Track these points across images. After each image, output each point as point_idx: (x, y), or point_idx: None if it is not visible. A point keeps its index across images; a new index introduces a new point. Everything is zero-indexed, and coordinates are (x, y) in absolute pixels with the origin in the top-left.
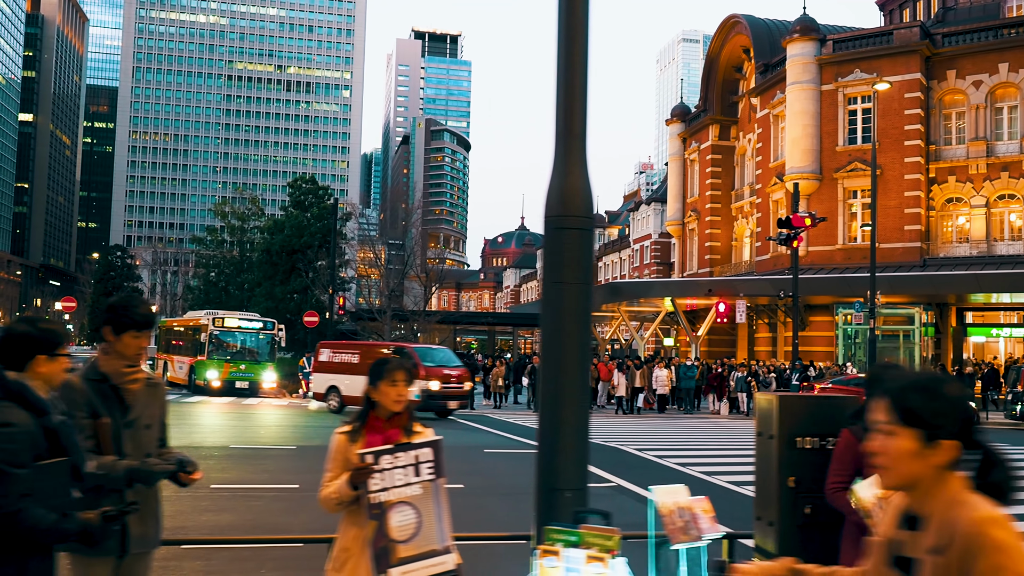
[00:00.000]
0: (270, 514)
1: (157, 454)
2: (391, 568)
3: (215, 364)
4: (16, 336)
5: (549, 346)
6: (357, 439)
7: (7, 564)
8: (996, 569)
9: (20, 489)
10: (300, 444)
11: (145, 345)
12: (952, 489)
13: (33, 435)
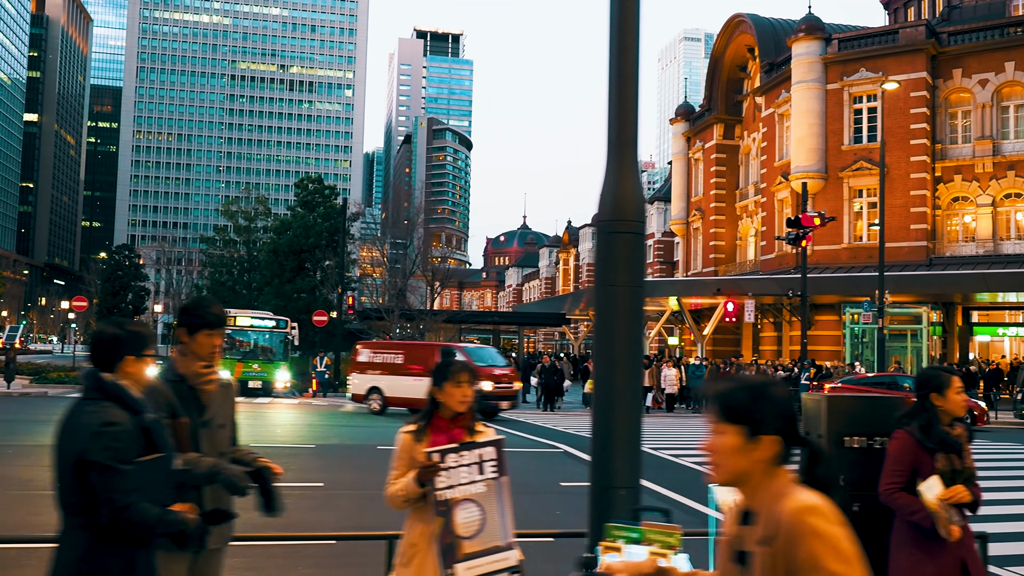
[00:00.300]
0: (298, 512)
1: (230, 452)
2: (457, 563)
3: (226, 363)
4: (106, 338)
5: (602, 347)
6: (422, 438)
7: (116, 556)
8: (816, 555)
9: (130, 485)
10: (319, 443)
11: (219, 344)
12: (779, 483)
13: (134, 433)
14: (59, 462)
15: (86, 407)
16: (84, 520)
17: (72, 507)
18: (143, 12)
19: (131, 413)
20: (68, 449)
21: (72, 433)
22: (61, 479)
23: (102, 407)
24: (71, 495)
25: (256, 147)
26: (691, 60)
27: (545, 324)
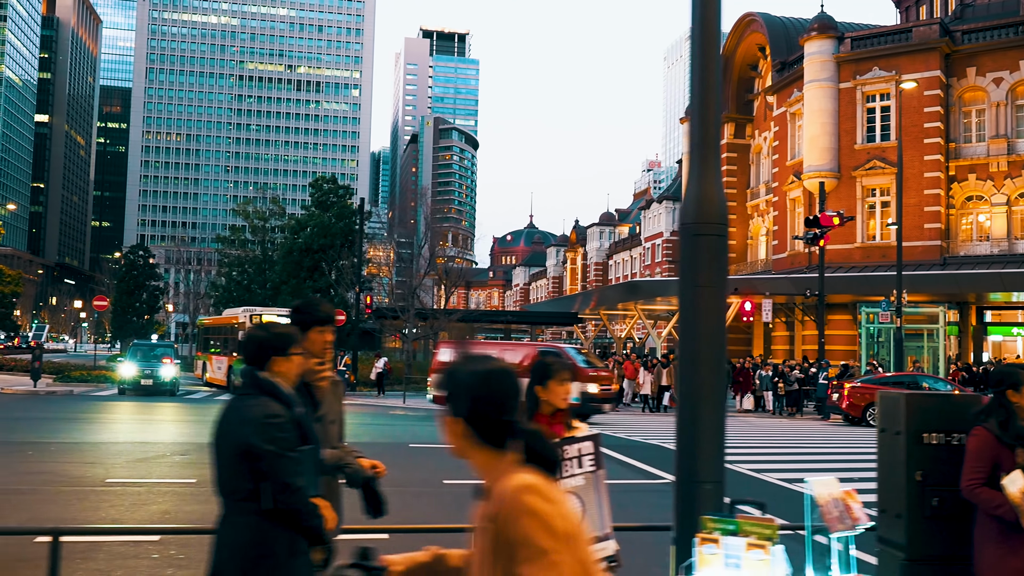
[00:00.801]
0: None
1: (340, 449)
2: None
3: (238, 365)
4: (256, 339)
5: (686, 346)
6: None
7: (281, 538)
8: (528, 532)
9: (297, 471)
10: (356, 439)
11: (330, 340)
12: (504, 463)
13: (290, 424)
14: (223, 452)
15: (246, 402)
16: (251, 505)
17: (238, 494)
18: (152, 13)
19: (284, 407)
20: (234, 440)
21: (238, 426)
22: (225, 468)
23: (262, 401)
24: (238, 482)
25: (264, 147)
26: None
27: (558, 323)
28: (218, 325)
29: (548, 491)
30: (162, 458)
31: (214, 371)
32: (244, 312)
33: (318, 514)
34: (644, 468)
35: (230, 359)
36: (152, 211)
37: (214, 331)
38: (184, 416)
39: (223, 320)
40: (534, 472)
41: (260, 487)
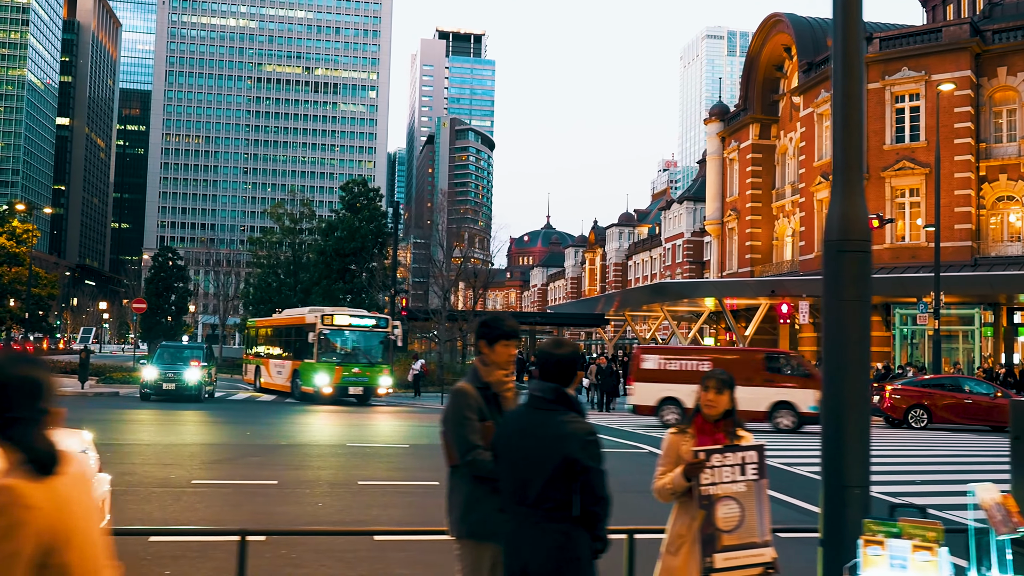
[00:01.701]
0: (430, 509)
1: None
2: (716, 553)
3: (325, 367)
4: (561, 359)
5: (832, 356)
6: (686, 438)
7: (584, 544)
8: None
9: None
10: (412, 443)
11: (514, 353)
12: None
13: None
14: (539, 464)
15: (558, 418)
16: (561, 513)
17: (549, 502)
18: (171, 17)
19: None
20: (554, 454)
21: (558, 441)
22: (539, 479)
23: (575, 417)
24: (552, 492)
25: (282, 148)
26: (714, 58)
27: (584, 325)
28: (280, 326)
29: (20, 492)
30: (237, 460)
31: (271, 375)
32: (312, 312)
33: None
34: None
35: (295, 363)
36: (172, 213)
37: (274, 332)
38: (234, 419)
39: (286, 320)
40: (25, 472)
41: (572, 497)
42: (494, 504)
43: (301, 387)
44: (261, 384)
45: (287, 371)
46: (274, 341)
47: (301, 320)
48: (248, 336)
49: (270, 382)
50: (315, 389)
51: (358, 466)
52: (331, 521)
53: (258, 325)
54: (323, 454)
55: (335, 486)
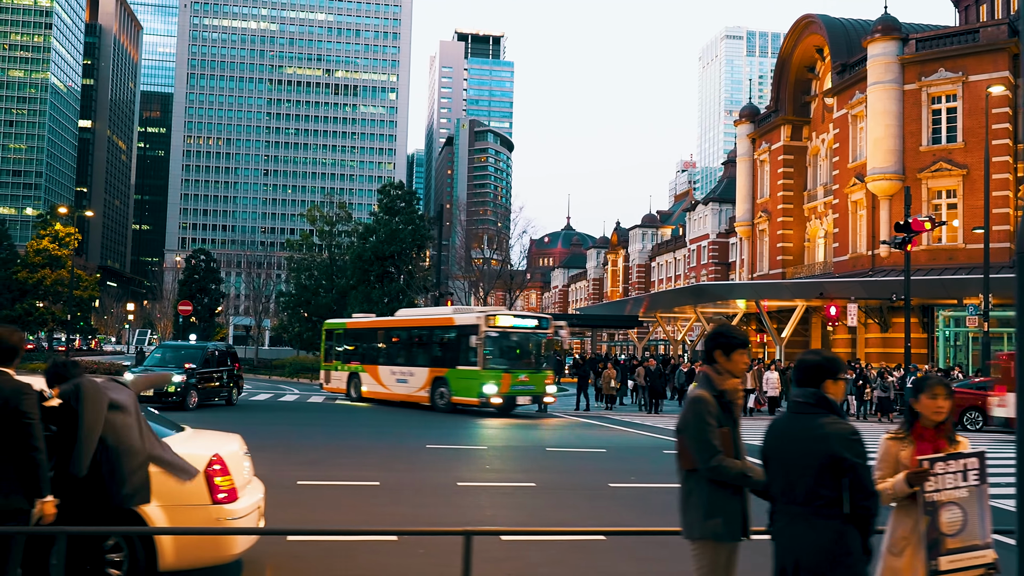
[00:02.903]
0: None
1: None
2: (940, 556)
3: (492, 375)
4: (811, 364)
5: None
6: (905, 444)
7: (857, 538)
8: None
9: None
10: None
11: (748, 361)
12: None
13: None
14: (806, 464)
15: (819, 420)
16: (832, 511)
17: (819, 500)
18: (193, 20)
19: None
20: (820, 453)
21: (822, 441)
22: (807, 478)
23: (837, 419)
24: (820, 490)
25: (302, 151)
26: (733, 59)
27: (617, 326)
28: (409, 328)
29: None
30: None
31: (386, 384)
32: (468, 313)
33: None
34: None
35: (437, 370)
36: (193, 215)
37: (395, 335)
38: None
39: (421, 321)
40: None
41: (842, 494)
42: (733, 507)
43: (451, 397)
44: (363, 393)
45: (422, 379)
46: (395, 344)
47: (448, 321)
48: (335, 339)
49: (383, 391)
50: (481, 399)
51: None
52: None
53: (356, 327)
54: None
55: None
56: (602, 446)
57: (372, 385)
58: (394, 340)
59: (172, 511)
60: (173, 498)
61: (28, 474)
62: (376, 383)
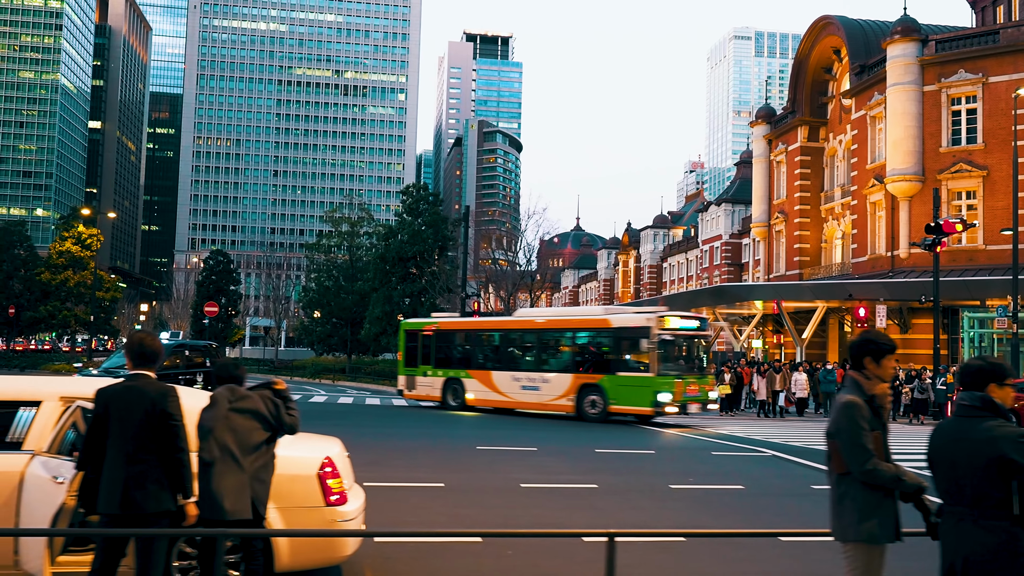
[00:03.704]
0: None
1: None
2: None
3: (665, 382)
4: (974, 368)
5: None
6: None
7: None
8: None
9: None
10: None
11: (896, 367)
12: None
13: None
14: (974, 466)
15: (990, 422)
16: (1000, 512)
17: (988, 500)
18: (203, 21)
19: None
20: (987, 455)
21: (989, 443)
22: (974, 479)
23: (1004, 423)
24: (989, 491)
25: (311, 151)
26: (741, 59)
27: None
28: (542, 330)
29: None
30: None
31: (506, 392)
32: (634, 314)
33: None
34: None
35: (583, 377)
36: (203, 215)
37: (517, 338)
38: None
39: (562, 323)
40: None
41: (1011, 496)
42: (887, 509)
43: (609, 406)
44: (468, 401)
45: (562, 386)
46: (520, 348)
47: (602, 323)
48: (420, 341)
49: (500, 399)
50: (655, 408)
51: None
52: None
53: (455, 327)
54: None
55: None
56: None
57: (482, 392)
58: (517, 343)
59: (287, 513)
60: (288, 500)
61: (173, 475)
62: (489, 390)
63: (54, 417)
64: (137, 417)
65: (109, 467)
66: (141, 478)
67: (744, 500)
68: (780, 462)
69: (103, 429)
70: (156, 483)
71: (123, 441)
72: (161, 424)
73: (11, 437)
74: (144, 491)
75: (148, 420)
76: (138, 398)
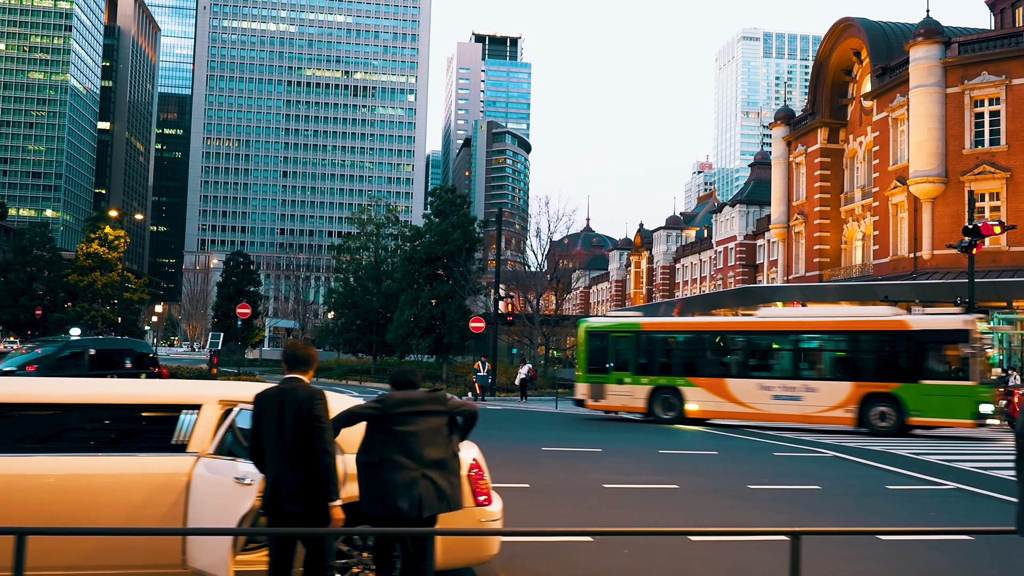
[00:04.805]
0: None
1: None
2: None
3: (986, 392)
4: None
5: None
6: None
7: None
8: None
9: None
10: None
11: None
12: None
13: None
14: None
15: None
16: None
17: None
18: (212, 21)
19: None
20: None
21: None
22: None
23: None
24: None
25: (320, 152)
26: (749, 60)
27: None
28: (810, 331)
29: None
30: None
31: (751, 402)
32: (935, 316)
33: None
34: (918, 476)
35: (868, 386)
36: (212, 216)
37: (794, 340)
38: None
39: (834, 324)
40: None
41: None
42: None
43: (908, 418)
44: (690, 413)
45: (837, 396)
46: (767, 353)
47: (897, 325)
48: (611, 344)
49: (739, 410)
50: (977, 421)
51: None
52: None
53: (666, 329)
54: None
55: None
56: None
57: (711, 403)
58: (766, 347)
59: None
60: None
61: (319, 477)
62: (722, 400)
63: (214, 420)
64: (288, 420)
65: (268, 468)
66: (291, 480)
67: (826, 500)
68: (843, 462)
69: (259, 432)
70: (303, 485)
71: (276, 443)
72: (308, 427)
73: (176, 440)
74: (293, 492)
75: (297, 423)
76: (289, 401)
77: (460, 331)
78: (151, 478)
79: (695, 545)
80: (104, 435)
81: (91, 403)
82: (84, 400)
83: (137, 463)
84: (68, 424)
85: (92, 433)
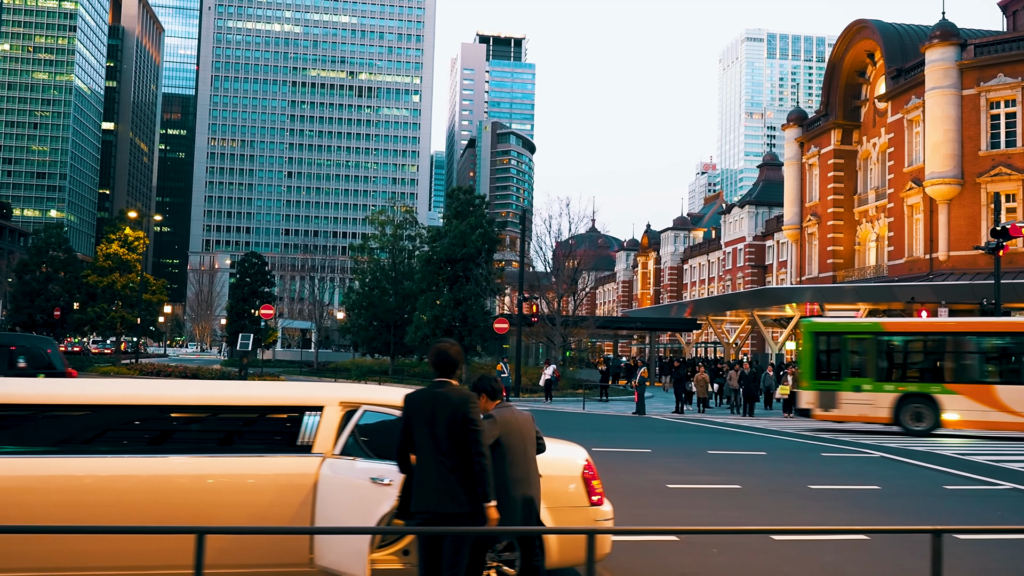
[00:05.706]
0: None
1: None
2: None
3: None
4: None
5: None
6: None
7: None
8: None
9: None
10: None
11: None
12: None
13: None
14: None
15: None
16: None
17: None
18: (217, 22)
19: None
20: None
21: None
22: None
23: None
24: None
25: (325, 153)
26: (753, 61)
27: (677, 329)
28: None
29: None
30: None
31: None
32: None
33: None
34: (979, 477)
35: None
36: (216, 217)
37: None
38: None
39: None
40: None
41: None
42: None
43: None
44: (948, 423)
45: None
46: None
47: None
48: (845, 347)
49: (1015, 420)
50: None
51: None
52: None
53: (917, 330)
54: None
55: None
56: (763, 448)
57: (974, 411)
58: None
59: (557, 512)
60: (558, 500)
61: (474, 478)
62: (988, 408)
63: (336, 421)
64: (441, 422)
65: (418, 469)
66: (443, 480)
67: (889, 500)
68: (893, 463)
69: (409, 433)
70: (458, 485)
71: (428, 445)
72: (463, 429)
73: (300, 441)
74: (444, 493)
75: (451, 425)
76: (443, 404)
77: (481, 332)
78: (279, 478)
79: (780, 544)
80: (231, 436)
81: (215, 405)
82: (208, 402)
83: (265, 464)
84: (191, 426)
85: (218, 434)
